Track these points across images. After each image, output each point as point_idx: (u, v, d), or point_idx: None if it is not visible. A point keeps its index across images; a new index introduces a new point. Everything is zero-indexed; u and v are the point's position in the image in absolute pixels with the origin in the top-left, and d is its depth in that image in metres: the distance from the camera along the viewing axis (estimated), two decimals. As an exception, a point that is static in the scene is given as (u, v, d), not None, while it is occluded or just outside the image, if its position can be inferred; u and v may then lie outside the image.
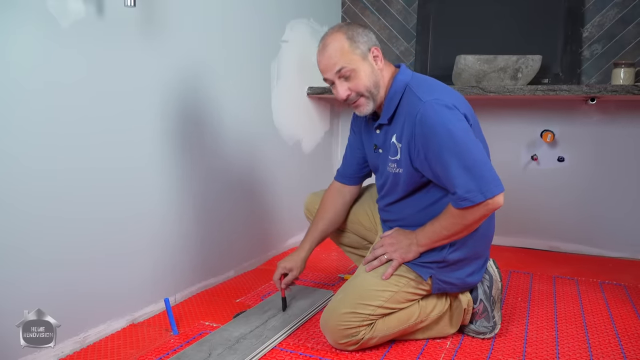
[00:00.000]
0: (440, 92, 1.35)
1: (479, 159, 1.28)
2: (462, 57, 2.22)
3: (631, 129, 2.35)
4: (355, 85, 1.37)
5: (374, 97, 1.39)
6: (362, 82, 1.37)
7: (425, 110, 1.29)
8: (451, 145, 1.27)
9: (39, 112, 1.26)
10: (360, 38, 1.37)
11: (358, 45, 1.37)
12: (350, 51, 1.36)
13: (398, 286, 1.40)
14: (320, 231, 1.66)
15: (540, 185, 2.51)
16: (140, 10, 1.51)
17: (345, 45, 1.36)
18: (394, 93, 1.40)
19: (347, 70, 1.36)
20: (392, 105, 1.40)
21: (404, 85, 1.39)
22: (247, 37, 2.04)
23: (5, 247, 1.21)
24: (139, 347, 1.41)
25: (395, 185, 1.45)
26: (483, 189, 1.26)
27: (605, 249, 2.43)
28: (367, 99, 1.39)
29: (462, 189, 1.27)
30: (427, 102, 1.30)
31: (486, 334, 1.49)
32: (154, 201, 1.63)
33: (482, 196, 1.26)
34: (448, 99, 1.32)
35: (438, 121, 1.28)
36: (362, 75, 1.36)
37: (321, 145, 2.70)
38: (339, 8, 2.82)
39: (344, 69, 1.35)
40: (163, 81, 1.63)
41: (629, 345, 1.47)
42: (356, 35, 1.37)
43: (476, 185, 1.26)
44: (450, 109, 1.29)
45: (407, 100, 1.37)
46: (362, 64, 1.37)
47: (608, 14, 2.34)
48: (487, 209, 1.29)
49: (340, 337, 1.37)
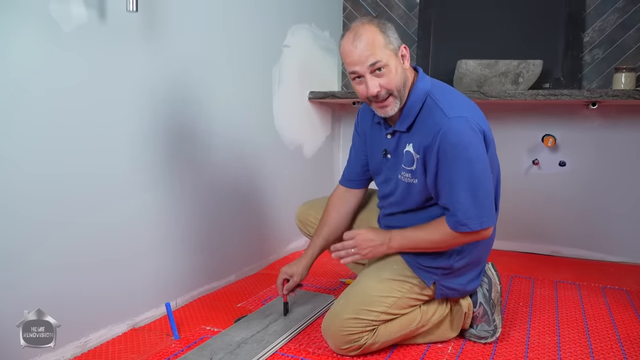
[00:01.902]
0: (464, 109, 1.31)
1: (487, 190, 1.30)
2: (463, 62, 2.22)
3: (632, 133, 2.35)
4: (387, 82, 1.28)
5: (401, 98, 1.33)
6: (394, 80, 1.29)
7: (449, 127, 1.26)
8: (466, 171, 1.27)
9: (41, 116, 1.27)
10: (392, 34, 1.31)
11: (391, 40, 1.30)
12: (385, 45, 1.28)
13: (401, 292, 1.39)
14: (323, 239, 1.62)
15: (542, 190, 2.50)
16: (142, 15, 1.52)
17: (380, 39, 1.27)
18: (414, 101, 1.34)
19: (382, 64, 1.27)
20: (412, 113, 1.34)
21: (424, 93, 1.34)
22: (249, 42, 2.04)
23: (7, 252, 1.21)
24: (140, 352, 1.41)
25: (408, 195, 1.42)
26: (482, 219, 1.29)
27: (607, 254, 2.42)
28: (396, 98, 1.31)
29: (463, 215, 1.29)
30: (453, 119, 1.27)
31: (487, 339, 1.48)
32: (156, 206, 1.63)
33: (479, 225, 1.29)
34: (472, 118, 1.29)
35: (460, 143, 1.26)
36: (394, 73, 1.29)
37: (323, 150, 2.70)
38: (340, 13, 2.82)
39: (379, 62, 1.26)
40: (165, 85, 1.63)
41: (631, 351, 1.47)
42: (388, 30, 1.30)
43: (477, 214, 1.29)
44: (473, 131, 1.28)
45: (429, 111, 1.32)
46: (395, 61, 1.29)
47: (609, 19, 2.35)
48: (477, 237, 1.33)
49: (342, 342, 1.36)
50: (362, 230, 1.41)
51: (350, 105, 2.68)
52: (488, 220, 1.31)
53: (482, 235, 1.33)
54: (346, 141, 2.87)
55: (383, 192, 1.53)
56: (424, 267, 1.40)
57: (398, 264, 1.43)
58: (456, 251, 1.40)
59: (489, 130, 1.36)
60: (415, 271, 1.41)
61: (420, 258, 1.41)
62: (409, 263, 1.42)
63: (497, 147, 1.49)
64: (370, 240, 1.39)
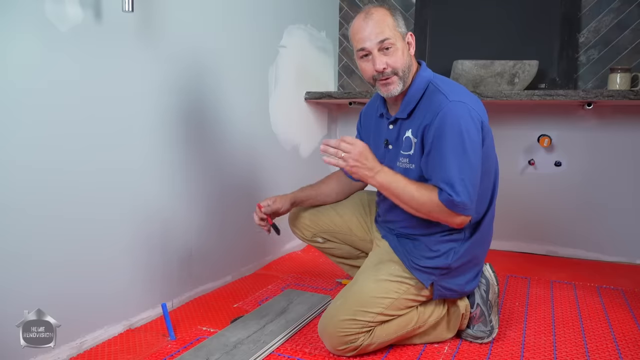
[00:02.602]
0: (466, 96, 1.36)
1: (473, 178, 1.32)
2: (460, 62, 2.23)
3: (627, 133, 2.36)
4: (394, 61, 1.35)
5: (404, 81, 1.38)
6: (400, 60, 1.36)
7: (450, 109, 1.31)
8: (459, 152, 1.29)
9: (39, 115, 1.26)
10: (400, 20, 1.39)
11: (399, 24, 1.38)
12: (394, 27, 1.36)
13: (398, 293, 1.39)
14: (317, 191, 1.72)
15: (538, 190, 2.51)
16: (138, 15, 1.52)
17: (390, 20, 1.36)
18: (416, 89, 1.40)
19: (390, 43, 1.34)
20: (414, 100, 1.40)
21: (426, 82, 1.40)
22: (245, 42, 2.04)
23: (2, 252, 1.21)
24: (136, 353, 1.41)
25: None
26: (464, 198, 1.30)
27: (602, 254, 2.43)
28: (400, 79, 1.37)
29: (448, 187, 1.30)
30: (454, 102, 1.32)
31: (484, 339, 1.49)
32: (152, 206, 1.63)
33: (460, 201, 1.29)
34: (473, 106, 1.33)
35: (457, 125, 1.30)
36: (400, 54, 1.36)
37: (319, 151, 2.68)
38: (336, 13, 2.83)
39: (388, 40, 1.34)
40: (161, 86, 1.63)
41: (627, 350, 1.47)
42: (397, 15, 1.39)
43: (462, 190, 1.29)
44: (472, 118, 1.31)
45: (430, 96, 1.37)
46: (402, 43, 1.37)
47: (604, 20, 2.36)
48: (456, 219, 1.33)
49: (338, 343, 1.37)
50: (363, 143, 1.37)
51: (347, 105, 2.68)
52: (469, 203, 1.31)
53: (461, 220, 1.34)
54: (342, 141, 2.87)
55: None
56: (421, 268, 1.41)
57: (395, 265, 1.43)
58: (454, 251, 1.40)
59: (488, 123, 1.39)
60: (412, 272, 1.41)
61: (418, 259, 1.41)
62: (406, 264, 1.42)
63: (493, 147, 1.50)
64: (364, 158, 1.35)
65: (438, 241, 1.41)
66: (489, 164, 1.41)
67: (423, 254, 1.41)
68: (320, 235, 1.74)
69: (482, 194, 1.41)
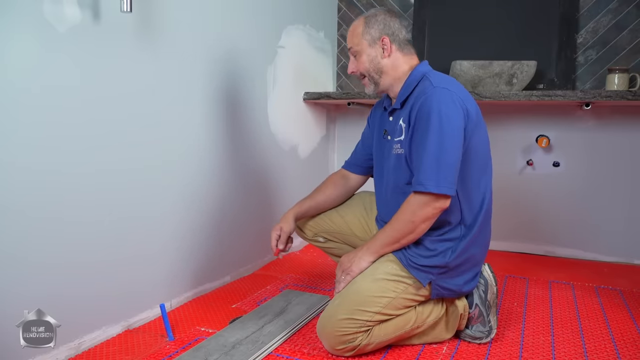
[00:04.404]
0: (452, 85, 1.41)
1: (450, 162, 1.34)
2: (458, 63, 2.23)
3: (625, 133, 2.36)
4: (356, 66, 1.53)
5: (375, 81, 1.52)
6: (363, 65, 1.51)
7: (432, 94, 1.37)
8: (436, 138, 1.33)
9: (38, 116, 1.26)
10: (376, 26, 1.49)
11: (369, 31, 1.49)
12: (361, 35, 1.50)
13: (396, 292, 1.40)
14: (316, 201, 1.73)
15: (536, 190, 2.52)
16: (136, 15, 1.52)
17: (359, 29, 1.50)
18: (411, 81, 1.47)
19: (354, 51, 1.52)
20: (407, 91, 1.47)
21: (421, 75, 1.47)
22: (244, 42, 2.04)
23: (1, 252, 1.21)
24: (135, 353, 1.41)
25: (398, 167, 1.47)
26: (439, 184, 1.33)
27: (600, 254, 2.44)
28: (370, 80, 1.52)
29: (423, 175, 1.34)
30: (438, 88, 1.38)
31: (482, 339, 1.49)
32: (149, 206, 1.63)
33: (436, 188, 1.32)
34: (457, 93, 1.38)
35: (437, 110, 1.34)
36: (364, 59, 1.50)
37: (317, 151, 2.70)
38: (335, 14, 2.83)
39: (352, 49, 1.53)
40: (160, 86, 1.63)
41: (625, 350, 1.48)
42: (373, 22, 1.49)
43: (435, 177, 1.33)
44: (454, 104, 1.36)
45: (421, 86, 1.44)
46: (368, 49, 1.49)
47: (602, 20, 2.36)
48: (433, 208, 1.35)
49: (337, 343, 1.37)
50: (338, 263, 1.51)
51: (345, 106, 2.68)
52: (445, 188, 1.33)
53: (439, 205, 1.35)
54: (341, 142, 2.88)
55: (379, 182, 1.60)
56: (419, 267, 1.41)
57: (393, 264, 1.43)
58: (451, 250, 1.41)
59: (476, 113, 1.42)
60: (410, 271, 1.41)
61: (416, 257, 1.42)
62: (404, 263, 1.42)
63: (491, 148, 1.50)
64: (351, 260, 1.47)
65: (435, 240, 1.42)
66: (479, 160, 1.43)
67: (420, 253, 1.42)
68: (321, 234, 1.75)
69: (474, 192, 1.43)
